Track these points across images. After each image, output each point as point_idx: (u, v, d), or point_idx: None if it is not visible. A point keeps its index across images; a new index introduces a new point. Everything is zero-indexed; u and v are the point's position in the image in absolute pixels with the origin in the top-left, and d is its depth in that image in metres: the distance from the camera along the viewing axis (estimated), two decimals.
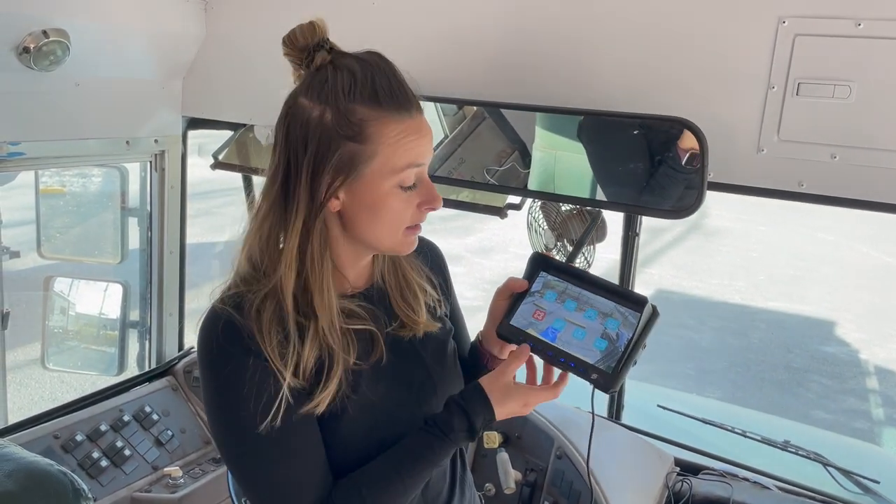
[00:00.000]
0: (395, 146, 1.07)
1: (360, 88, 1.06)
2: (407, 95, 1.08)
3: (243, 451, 1.09)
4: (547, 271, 1.25)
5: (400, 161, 1.07)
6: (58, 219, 2.74)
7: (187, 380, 2.49)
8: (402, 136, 1.07)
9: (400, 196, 1.09)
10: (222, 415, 1.10)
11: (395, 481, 1.11)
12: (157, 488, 2.18)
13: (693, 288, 8.48)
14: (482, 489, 2.03)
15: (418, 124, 1.09)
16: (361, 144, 1.06)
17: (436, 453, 1.13)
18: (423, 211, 1.12)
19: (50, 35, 1.82)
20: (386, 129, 1.06)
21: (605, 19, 1.72)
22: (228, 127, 2.45)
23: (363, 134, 1.06)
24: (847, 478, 2.07)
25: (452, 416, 1.13)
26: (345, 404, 1.11)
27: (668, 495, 1.96)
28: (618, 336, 1.16)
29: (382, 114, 1.06)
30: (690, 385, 5.93)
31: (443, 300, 1.32)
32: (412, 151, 1.07)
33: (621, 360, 1.14)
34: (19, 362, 4.99)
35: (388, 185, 1.08)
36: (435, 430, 1.13)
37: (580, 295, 1.21)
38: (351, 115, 1.05)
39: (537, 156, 1.85)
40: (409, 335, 1.22)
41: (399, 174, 1.08)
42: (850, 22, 1.47)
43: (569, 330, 1.19)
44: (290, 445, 1.08)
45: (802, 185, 1.59)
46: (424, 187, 1.11)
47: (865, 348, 6.97)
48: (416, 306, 1.24)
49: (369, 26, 1.93)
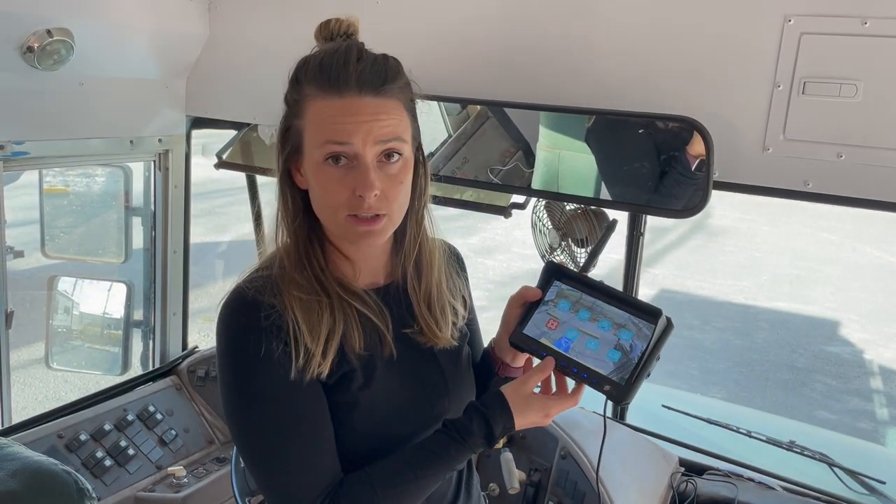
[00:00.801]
0: (317, 121, 1.09)
1: (310, 69, 1.11)
2: (344, 75, 1.08)
3: (257, 429, 1.10)
4: (561, 280, 1.24)
5: (319, 136, 1.09)
6: (62, 218, 2.75)
7: (191, 379, 2.49)
8: (325, 112, 1.08)
9: (328, 173, 1.09)
10: (238, 390, 1.11)
11: (410, 480, 1.11)
12: (160, 488, 2.18)
13: (697, 288, 8.47)
14: (486, 489, 2.02)
15: (349, 104, 1.08)
16: (299, 119, 1.12)
17: (452, 456, 1.13)
18: (357, 198, 1.09)
19: (54, 35, 1.82)
20: (314, 105, 1.10)
21: (610, 18, 1.71)
22: (232, 126, 2.45)
23: (300, 110, 1.11)
24: (853, 478, 2.06)
25: (472, 421, 1.14)
26: (357, 397, 1.12)
27: (673, 495, 1.95)
28: (631, 347, 1.15)
29: (315, 91, 1.09)
30: (694, 385, 5.92)
31: (466, 316, 1.32)
32: (331, 128, 1.08)
33: (635, 372, 1.14)
34: (23, 362, 5.01)
35: (315, 160, 1.10)
36: (453, 434, 1.13)
37: (594, 305, 1.20)
38: (296, 94, 1.12)
39: (541, 155, 1.84)
40: (427, 343, 1.22)
41: (319, 148, 1.09)
42: (857, 20, 1.46)
43: (582, 340, 1.18)
44: (302, 427, 1.09)
45: (808, 185, 1.58)
46: (358, 172, 1.09)
47: (870, 348, 6.95)
48: (442, 322, 1.23)
49: (373, 26, 1.92)
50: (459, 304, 1.29)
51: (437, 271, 1.25)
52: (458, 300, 1.29)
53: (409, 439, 1.17)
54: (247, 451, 1.14)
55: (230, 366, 1.11)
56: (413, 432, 1.18)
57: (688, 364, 6.35)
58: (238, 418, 1.13)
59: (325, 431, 1.12)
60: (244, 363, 1.09)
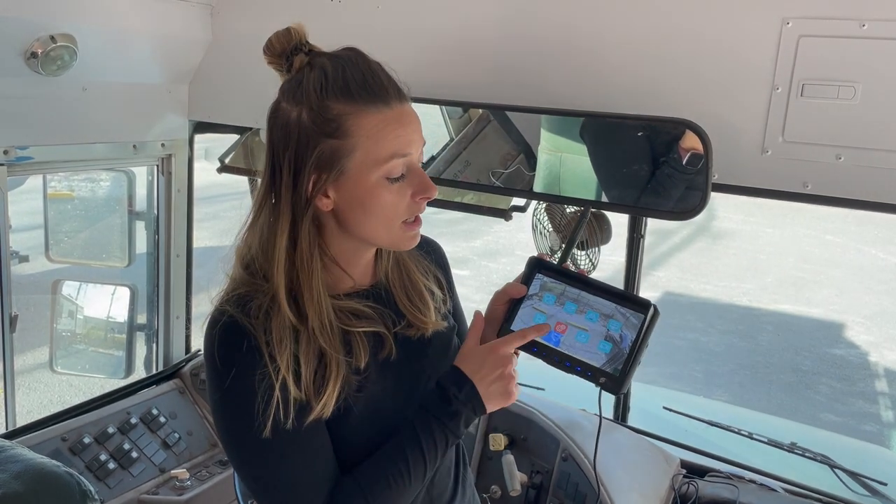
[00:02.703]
0: (375, 138, 1.05)
1: (332, 84, 1.06)
2: (382, 85, 1.07)
3: (250, 455, 1.09)
4: (542, 273, 1.21)
5: (382, 152, 1.06)
6: (66, 223, 2.76)
7: (194, 382, 2.50)
8: (380, 126, 1.06)
9: (389, 188, 1.08)
10: (228, 419, 1.10)
11: (396, 474, 1.10)
12: (164, 490, 2.19)
13: (700, 290, 8.46)
14: (488, 491, 2.03)
15: (398, 114, 1.07)
16: (340, 140, 1.06)
17: (428, 435, 1.11)
18: (418, 202, 1.10)
19: (57, 40, 1.84)
20: (363, 121, 1.05)
21: (610, 22, 1.72)
22: (235, 130, 2.46)
23: (341, 129, 1.05)
24: (854, 480, 2.06)
25: (430, 395, 1.14)
26: (349, 403, 1.11)
27: (675, 497, 1.95)
28: (622, 338, 1.14)
29: (358, 107, 1.05)
30: (698, 388, 5.91)
31: (447, 297, 1.33)
32: (394, 142, 1.06)
33: (628, 362, 1.13)
34: (28, 365, 5.02)
35: (374, 178, 1.07)
36: (418, 413, 1.13)
37: (579, 297, 1.18)
38: (326, 112, 1.06)
39: (543, 158, 1.85)
40: (418, 334, 1.22)
41: (383, 165, 1.06)
42: (855, 23, 1.47)
43: (571, 333, 1.17)
44: (296, 449, 1.08)
45: (807, 186, 1.59)
46: (416, 177, 1.09)
47: (874, 351, 6.93)
48: (424, 308, 1.24)
49: (374, 30, 1.94)
50: (433, 285, 1.28)
51: (407, 262, 1.26)
52: (431, 281, 1.28)
53: None
54: (240, 471, 1.14)
55: (217, 391, 1.09)
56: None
57: (692, 367, 6.34)
58: (228, 443, 1.12)
59: (321, 448, 1.10)
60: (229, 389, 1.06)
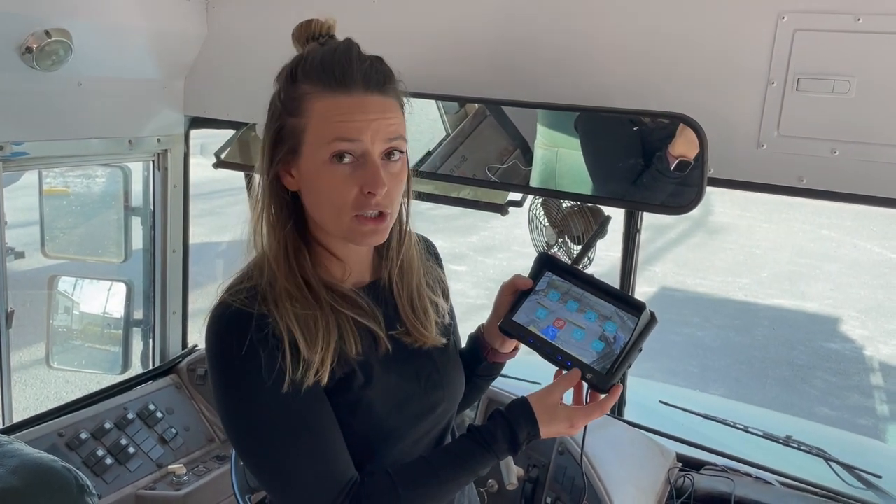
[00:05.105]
0: (325, 119, 1.07)
1: (307, 67, 1.09)
2: (348, 72, 1.07)
3: (263, 442, 1.09)
4: (552, 271, 1.28)
5: (328, 134, 1.07)
6: (62, 219, 2.76)
7: (191, 378, 2.50)
8: (332, 109, 1.07)
9: (334, 171, 1.08)
10: (235, 406, 1.10)
11: (433, 485, 1.12)
12: (161, 486, 2.19)
13: (696, 285, 8.48)
14: (485, 485, 2.03)
15: (358, 101, 1.07)
16: (297, 118, 1.09)
17: (477, 461, 1.14)
18: (367, 196, 1.09)
19: (52, 35, 1.83)
20: (318, 102, 1.07)
21: (606, 16, 1.72)
22: (231, 126, 2.46)
23: (300, 108, 1.09)
24: (849, 473, 2.07)
25: (497, 427, 1.15)
26: (359, 396, 1.12)
27: (671, 490, 1.96)
28: (615, 339, 1.19)
29: (317, 89, 1.08)
30: (694, 382, 5.93)
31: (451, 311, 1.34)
32: (341, 126, 1.06)
33: (616, 362, 1.17)
34: (24, 361, 5.02)
35: (320, 159, 1.08)
36: (478, 440, 1.14)
37: (582, 297, 1.24)
38: (293, 92, 1.10)
39: (539, 153, 1.85)
40: (415, 345, 1.22)
41: (327, 146, 1.07)
42: (850, 17, 1.47)
43: (568, 329, 1.22)
44: (308, 433, 1.09)
45: (803, 181, 1.59)
46: (368, 169, 1.08)
47: (869, 345, 6.96)
48: (426, 322, 1.24)
49: (370, 25, 1.93)
50: (440, 298, 1.29)
51: (416, 271, 1.26)
52: (438, 294, 1.29)
53: (408, 432, 1.18)
54: (255, 465, 1.13)
55: (222, 379, 1.10)
56: (412, 426, 1.18)
57: (688, 361, 6.36)
58: (241, 434, 1.12)
59: (333, 433, 1.11)
60: (240, 379, 1.08)
